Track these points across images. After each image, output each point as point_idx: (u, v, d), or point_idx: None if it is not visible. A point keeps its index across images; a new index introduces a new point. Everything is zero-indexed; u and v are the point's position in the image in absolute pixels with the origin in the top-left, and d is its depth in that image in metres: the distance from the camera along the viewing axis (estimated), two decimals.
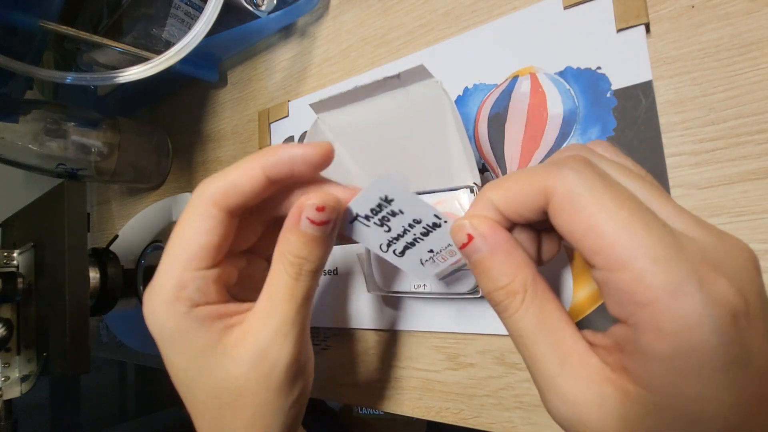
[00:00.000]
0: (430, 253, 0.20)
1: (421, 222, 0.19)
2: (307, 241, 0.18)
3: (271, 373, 0.18)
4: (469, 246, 0.16)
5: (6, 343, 0.39)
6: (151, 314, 0.19)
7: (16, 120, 0.39)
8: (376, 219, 0.19)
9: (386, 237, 0.20)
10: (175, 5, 0.40)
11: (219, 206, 0.18)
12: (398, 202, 0.18)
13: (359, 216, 0.19)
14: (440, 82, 0.22)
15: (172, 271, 0.18)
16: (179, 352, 0.19)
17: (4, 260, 0.42)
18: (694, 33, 0.22)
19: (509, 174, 0.16)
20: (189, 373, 0.19)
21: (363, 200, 0.19)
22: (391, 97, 0.24)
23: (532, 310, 0.15)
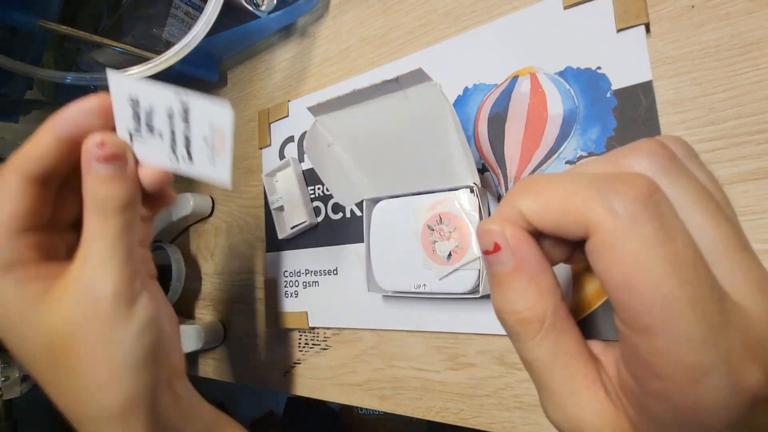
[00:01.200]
0: (205, 142, 0.18)
1: (173, 111, 0.17)
2: (103, 180, 0.18)
3: (97, 306, 0.18)
4: (494, 256, 0.14)
5: None
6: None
7: (16, 120, 0.39)
8: (144, 129, 0.18)
9: (165, 146, 0.18)
10: (175, 5, 0.40)
11: (19, 174, 0.19)
12: (143, 99, 0.17)
13: (132, 134, 0.18)
14: (439, 84, 0.22)
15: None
16: (4, 313, 0.19)
17: None
18: (694, 33, 0.22)
19: (547, 180, 0.14)
20: (13, 334, 0.19)
21: (119, 113, 0.18)
22: (389, 100, 0.24)
23: (548, 341, 0.14)
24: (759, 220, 0.20)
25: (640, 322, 0.11)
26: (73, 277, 0.19)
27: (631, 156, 0.13)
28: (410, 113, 0.24)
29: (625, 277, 0.11)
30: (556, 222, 0.13)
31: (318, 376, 0.35)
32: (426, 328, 0.30)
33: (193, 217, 0.46)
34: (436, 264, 0.22)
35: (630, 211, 0.11)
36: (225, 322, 0.44)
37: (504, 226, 0.14)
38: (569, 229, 0.13)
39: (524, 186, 0.14)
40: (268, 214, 0.39)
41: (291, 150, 0.38)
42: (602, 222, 0.12)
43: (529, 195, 0.14)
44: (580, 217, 0.12)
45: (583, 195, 0.12)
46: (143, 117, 0.18)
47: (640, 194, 0.12)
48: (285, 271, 0.38)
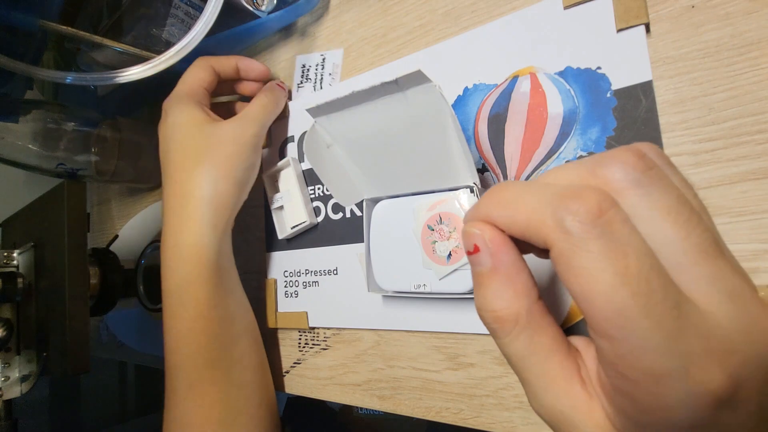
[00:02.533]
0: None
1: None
2: (267, 95, 0.36)
3: (242, 137, 0.33)
4: (475, 256, 0.15)
5: (6, 343, 0.40)
6: (175, 99, 0.34)
7: (16, 120, 0.39)
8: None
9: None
10: (175, 5, 0.40)
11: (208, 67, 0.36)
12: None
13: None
14: (438, 86, 0.22)
15: (188, 84, 0.35)
16: (190, 120, 0.33)
17: (4, 260, 0.42)
18: (694, 33, 0.22)
19: (514, 191, 0.15)
20: (195, 134, 0.32)
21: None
22: (389, 101, 0.24)
23: (523, 338, 0.15)
24: (759, 220, 0.20)
25: (600, 329, 0.12)
26: (234, 121, 0.33)
27: (606, 165, 0.14)
28: (410, 115, 0.24)
29: (581, 289, 0.12)
30: (522, 233, 0.14)
31: (318, 376, 0.35)
32: (426, 328, 0.30)
33: None
34: (436, 264, 0.22)
35: (579, 229, 0.12)
36: None
37: (483, 229, 0.15)
38: (533, 240, 0.14)
39: (493, 195, 0.15)
40: (268, 214, 0.39)
41: (291, 150, 0.38)
42: (556, 239, 0.13)
43: (498, 205, 0.15)
44: (539, 232, 0.13)
45: (541, 212, 0.13)
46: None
47: (591, 212, 0.12)
48: (285, 271, 0.38)
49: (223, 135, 0.32)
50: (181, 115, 0.32)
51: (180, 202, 0.31)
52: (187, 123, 0.32)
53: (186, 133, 0.32)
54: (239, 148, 0.32)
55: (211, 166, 0.31)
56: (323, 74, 0.37)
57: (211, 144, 0.31)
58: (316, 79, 0.37)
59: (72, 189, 0.37)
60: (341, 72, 0.36)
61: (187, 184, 0.31)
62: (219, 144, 0.32)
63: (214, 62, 0.35)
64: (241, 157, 0.32)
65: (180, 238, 0.31)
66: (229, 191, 0.32)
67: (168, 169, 0.33)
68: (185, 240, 0.31)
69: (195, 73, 0.34)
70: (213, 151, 0.31)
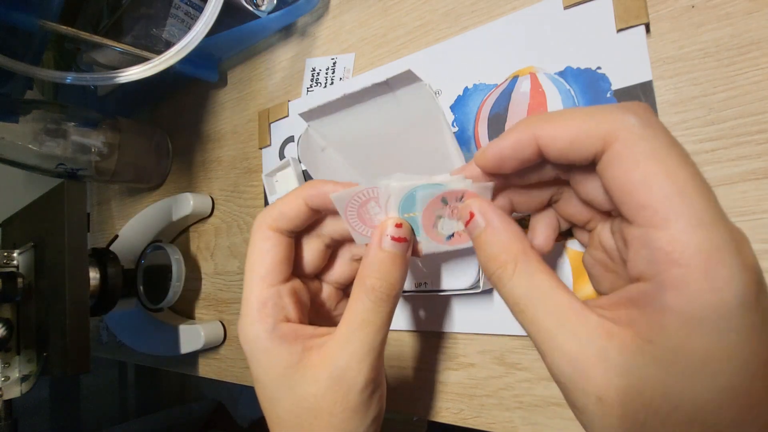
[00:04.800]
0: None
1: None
2: (387, 259, 0.20)
3: (348, 394, 0.19)
4: (472, 222, 0.17)
5: (6, 343, 0.40)
6: (242, 333, 0.21)
7: (16, 120, 0.39)
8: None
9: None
10: (175, 5, 0.40)
11: (273, 228, 0.21)
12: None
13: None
14: (428, 85, 0.23)
15: (251, 291, 0.21)
16: (264, 369, 0.20)
17: (4, 260, 0.42)
18: (694, 33, 0.22)
19: (559, 111, 0.16)
20: (272, 389, 0.20)
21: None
22: (380, 102, 0.24)
23: (524, 277, 0.16)
24: (759, 220, 0.20)
25: (659, 213, 0.13)
26: (331, 356, 0.19)
27: (620, 106, 0.15)
28: (402, 115, 0.24)
29: (644, 175, 0.13)
30: (570, 142, 0.15)
31: None
32: (426, 328, 0.30)
33: (193, 217, 0.46)
34: (428, 238, 0.20)
35: (644, 121, 0.14)
36: (225, 322, 0.44)
37: (473, 200, 0.18)
38: (586, 145, 0.14)
39: (539, 116, 0.16)
40: None
41: (291, 150, 0.38)
42: (620, 130, 0.14)
43: (546, 121, 0.16)
44: (597, 131, 0.14)
45: (599, 115, 0.14)
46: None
47: (648, 111, 0.14)
48: None
49: (313, 397, 0.19)
50: (250, 355, 0.21)
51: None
52: (259, 373, 0.21)
53: (261, 391, 0.21)
54: (343, 417, 0.20)
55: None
56: (333, 78, 0.37)
57: (295, 415, 0.20)
58: (326, 82, 0.37)
59: (72, 189, 0.37)
60: (352, 76, 0.36)
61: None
62: (309, 415, 0.20)
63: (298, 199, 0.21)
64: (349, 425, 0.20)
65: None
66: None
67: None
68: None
69: (259, 246, 0.21)
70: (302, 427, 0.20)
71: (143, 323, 0.48)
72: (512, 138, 0.16)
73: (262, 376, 0.20)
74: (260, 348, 0.20)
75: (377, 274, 0.19)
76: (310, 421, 0.20)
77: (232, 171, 0.45)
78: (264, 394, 0.21)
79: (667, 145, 0.13)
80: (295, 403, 0.20)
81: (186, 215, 0.45)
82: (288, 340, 0.20)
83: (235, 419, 1.33)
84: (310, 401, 0.19)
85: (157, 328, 0.47)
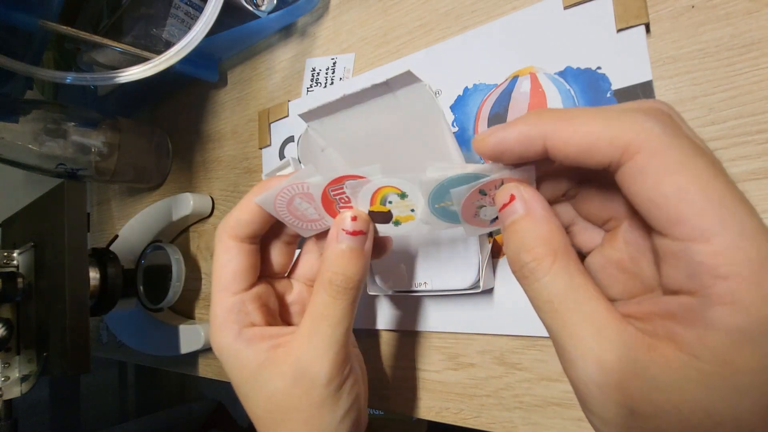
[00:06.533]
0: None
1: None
2: (343, 254, 0.20)
3: (312, 389, 0.19)
4: (509, 206, 0.16)
5: (6, 343, 0.39)
6: (212, 341, 0.21)
7: (16, 120, 0.39)
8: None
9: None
10: (175, 5, 0.40)
11: (232, 237, 0.21)
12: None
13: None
14: (428, 85, 0.23)
15: (216, 302, 0.21)
16: (235, 372, 0.21)
17: (4, 260, 0.42)
18: (694, 33, 0.22)
19: (576, 109, 0.15)
20: (245, 389, 0.21)
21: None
22: (380, 102, 0.24)
23: (564, 275, 0.14)
24: None
25: (697, 227, 0.12)
26: (293, 352, 0.20)
27: (640, 103, 0.15)
28: (402, 115, 0.24)
29: (679, 185, 0.12)
30: (583, 149, 0.14)
31: None
32: (426, 328, 0.30)
33: (193, 217, 0.46)
34: (471, 225, 0.20)
35: (668, 128, 0.13)
36: None
37: (516, 184, 0.16)
38: (601, 152, 0.13)
39: (550, 111, 0.15)
40: None
41: (291, 150, 0.38)
42: (643, 140, 0.13)
43: (558, 120, 0.14)
44: (617, 141, 0.13)
45: (617, 120, 0.13)
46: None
47: (671, 119, 0.13)
48: None
49: (280, 393, 0.20)
50: (223, 362, 0.21)
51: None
52: (232, 376, 0.21)
53: (238, 393, 0.21)
54: (310, 412, 0.20)
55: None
56: (333, 78, 0.37)
57: (267, 411, 0.20)
58: (326, 82, 0.37)
59: (72, 189, 0.37)
60: (352, 76, 0.36)
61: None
62: (279, 411, 0.20)
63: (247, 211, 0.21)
64: (322, 418, 0.20)
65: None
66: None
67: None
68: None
69: (220, 257, 0.21)
70: (275, 426, 0.20)
71: (143, 323, 0.48)
72: (518, 131, 0.15)
73: (235, 378, 0.21)
74: (230, 353, 0.21)
75: (334, 268, 0.20)
76: (281, 416, 0.20)
77: (232, 171, 0.45)
78: (240, 394, 0.21)
79: (696, 153, 0.12)
80: (265, 400, 0.20)
81: (186, 215, 0.45)
82: (253, 342, 0.20)
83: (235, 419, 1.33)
84: (278, 397, 0.20)
85: (157, 328, 0.47)
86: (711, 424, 0.12)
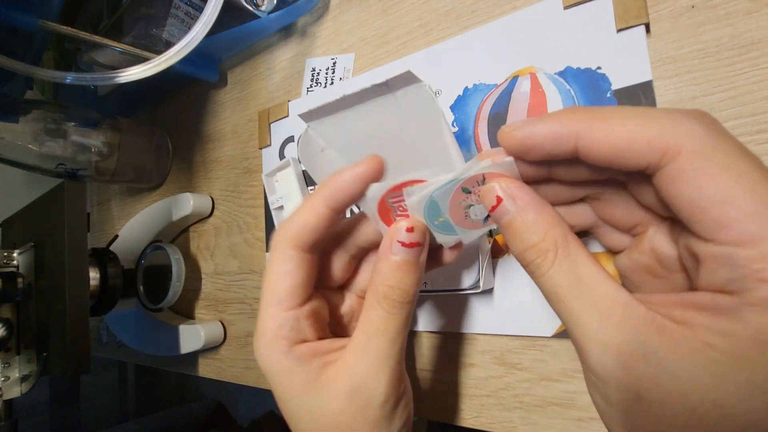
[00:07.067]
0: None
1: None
2: (399, 267, 0.18)
3: (367, 408, 0.18)
4: (499, 208, 0.16)
5: (6, 343, 0.39)
6: (258, 355, 0.20)
7: (16, 120, 0.39)
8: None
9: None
10: (175, 5, 0.40)
11: (294, 246, 0.19)
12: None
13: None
14: (428, 85, 0.23)
15: (268, 314, 0.19)
16: (283, 389, 0.19)
17: (4, 260, 0.42)
18: (694, 33, 0.22)
19: (610, 108, 0.14)
20: (293, 408, 0.20)
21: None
22: (380, 103, 0.24)
23: (566, 265, 0.14)
24: None
25: (745, 232, 0.12)
26: (347, 369, 0.19)
27: (682, 112, 0.14)
28: (402, 115, 0.24)
29: (724, 188, 0.12)
30: (619, 150, 0.13)
31: None
32: (426, 328, 0.30)
33: (193, 217, 0.46)
34: (464, 228, 0.20)
35: (711, 130, 0.12)
36: (225, 322, 0.44)
37: (499, 181, 0.16)
38: (635, 157, 0.13)
39: (584, 109, 0.14)
40: (268, 214, 0.39)
41: (291, 150, 0.38)
42: (686, 141, 0.12)
43: (593, 118, 0.14)
44: (657, 142, 0.13)
45: (656, 120, 0.13)
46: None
47: (714, 121, 0.13)
48: None
49: (332, 413, 0.19)
50: (268, 376, 0.20)
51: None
52: (279, 393, 0.20)
53: (283, 409, 0.20)
54: (366, 430, 0.19)
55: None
56: (333, 78, 0.37)
57: (314, 430, 0.19)
58: (326, 82, 0.37)
59: (72, 189, 0.37)
60: (352, 76, 0.36)
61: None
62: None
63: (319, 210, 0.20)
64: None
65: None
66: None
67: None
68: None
69: (278, 269, 0.20)
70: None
71: (143, 323, 0.48)
72: (549, 128, 0.15)
73: (281, 395, 0.20)
74: (277, 369, 0.19)
75: (389, 282, 0.18)
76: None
77: (232, 171, 0.45)
78: (286, 411, 0.20)
79: (741, 154, 0.12)
80: (315, 421, 0.19)
81: (186, 215, 0.45)
82: (304, 359, 0.19)
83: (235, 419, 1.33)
84: (329, 417, 0.19)
85: (157, 328, 0.47)
86: (718, 416, 0.12)
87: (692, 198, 0.12)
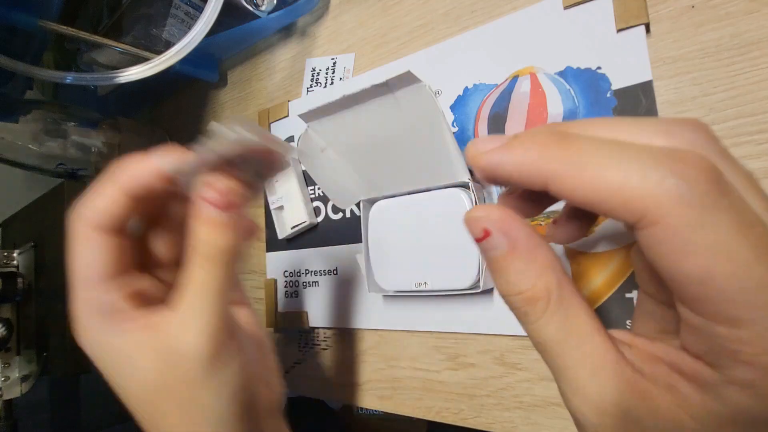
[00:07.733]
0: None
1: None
2: (214, 225, 0.18)
3: (181, 364, 0.17)
4: (486, 241, 0.14)
5: (6, 343, 0.40)
6: (79, 341, 0.19)
7: (16, 120, 0.39)
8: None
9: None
10: (175, 5, 0.40)
11: (88, 226, 0.19)
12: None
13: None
14: (428, 86, 0.23)
15: (76, 297, 0.19)
16: (106, 365, 0.19)
17: (4, 260, 0.42)
18: (694, 33, 0.22)
19: (590, 148, 0.12)
20: (118, 381, 0.19)
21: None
22: (380, 103, 0.24)
23: (557, 318, 0.13)
24: None
25: (724, 313, 0.11)
26: (157, 326, 0.18)
27: (685, 128, 0.12)
28: (401, 116, 0.24)
29: (704, 269, 0.10)
30: (593, 203, 0.12)
31: (318, 376, 0.35)
32: (426, 328, 0.30)
33: None
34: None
35: (702, 199, 0.10)
36: None
37: (489, 211, 0.14)
38: (612, 212, 0.11)
39: (561, 144, 0.12)
40: (268, 214, 0.39)
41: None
42: (669, 212, 0.10)
43: (566, 162, 0.12)
44: (635, 204, 0.11)
45: (639, 178, 0.11)
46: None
47: (710, 179, 0.10)
48: (285, 271, 0.38)
49: (154, 378, 0.18)
50: (93, 356, 0.19)
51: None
52: (105, 369, 0.19)
53: (114, 383, 0.19)
54: (185, 390, 0.18)
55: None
56: (333, 78, 0.37)
57: (140, 401, 0.19)
58: (326, 82, 0.37)
59: (72, 189, 0.37)
60: (352, 76, 0.36)
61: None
62: (155, 398, 0.18)
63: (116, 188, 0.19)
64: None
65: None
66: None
67: None
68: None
69: (77, 249, 0.19)
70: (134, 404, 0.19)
71: None
72: (517, 162, 0.13)
73: (109, 374, 0.19)
74: (99, 348, 0.19)
75: (198, 238, 0.18)
76: (155, 402, 0.18)
77: None
78: (117, 388, 0.19)
79: (737, 232, 0.10)
80: (138, 388, 0.18)
81: None
82: (121, 330, 0.18)
83: None
84: (149, 381, 0.18)
85: None
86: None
87: (669, 270, 0.11)
